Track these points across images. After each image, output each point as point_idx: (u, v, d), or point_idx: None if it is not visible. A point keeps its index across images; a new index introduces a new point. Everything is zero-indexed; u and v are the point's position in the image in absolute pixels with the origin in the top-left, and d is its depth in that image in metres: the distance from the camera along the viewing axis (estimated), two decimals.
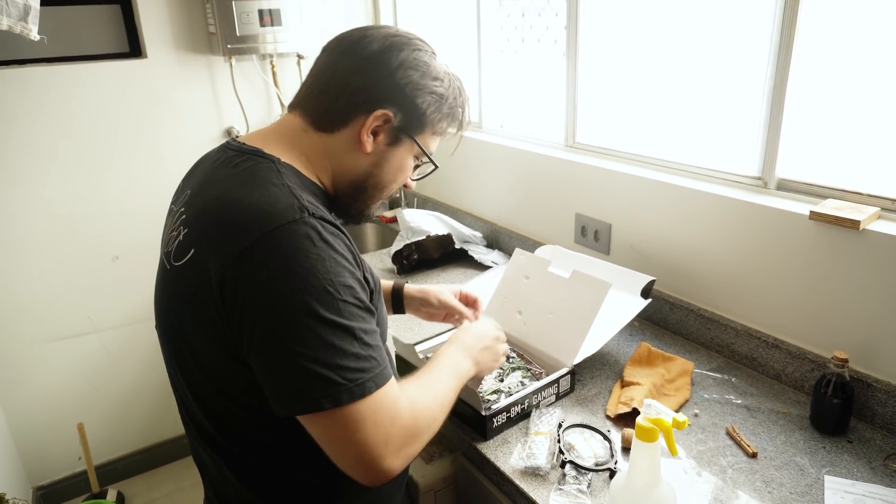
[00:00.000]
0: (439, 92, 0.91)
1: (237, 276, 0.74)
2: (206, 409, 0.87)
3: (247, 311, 0.74)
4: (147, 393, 2.50)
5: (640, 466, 0.90)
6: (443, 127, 0.95)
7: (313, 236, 0.75)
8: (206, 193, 0.84)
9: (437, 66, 0.92)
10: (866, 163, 1.28)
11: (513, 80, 2.14)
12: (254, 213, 0.76)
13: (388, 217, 2.61)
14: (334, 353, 0.73)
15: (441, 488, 1.33)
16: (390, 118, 0.88)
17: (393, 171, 0.94)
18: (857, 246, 1.21)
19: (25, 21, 1.48)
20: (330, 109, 0.88)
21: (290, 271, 0.73)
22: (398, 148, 0.92)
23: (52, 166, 2.12)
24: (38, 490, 2.35)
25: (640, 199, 1.63)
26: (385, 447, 0.76)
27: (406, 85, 0.88)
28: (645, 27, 1.65)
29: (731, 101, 1.48)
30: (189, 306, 0.81)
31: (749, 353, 1.43)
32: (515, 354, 1.42)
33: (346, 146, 0.89)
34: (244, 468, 0.89)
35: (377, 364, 0.77)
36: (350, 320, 0.75)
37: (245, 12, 2.22)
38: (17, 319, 2.18)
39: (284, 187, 0.80)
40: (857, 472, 1.10)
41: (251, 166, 0.83)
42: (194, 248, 0.80)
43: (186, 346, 0.84)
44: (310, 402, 0.73)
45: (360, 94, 0.87)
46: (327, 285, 0.74)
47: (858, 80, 1.26)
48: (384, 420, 0.76)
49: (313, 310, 0.72)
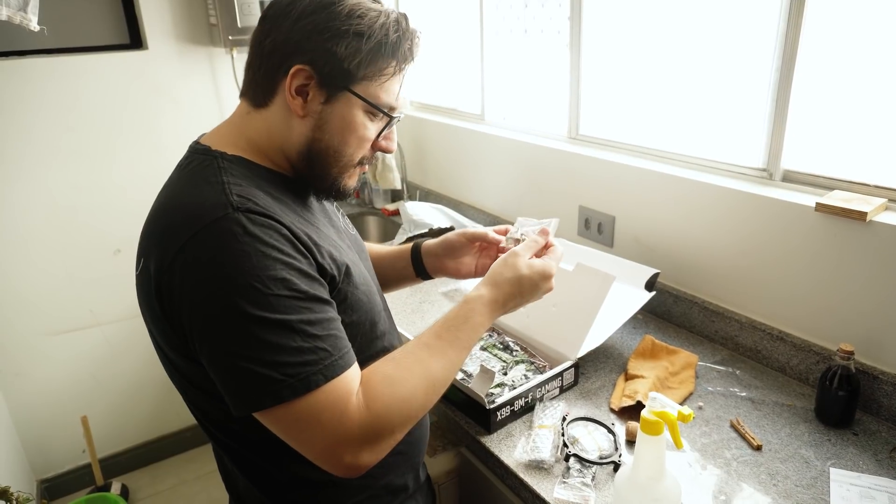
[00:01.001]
0: (358, 30, 0.79)
1: (171, 282, 0.73)
2: (197, 408, 0.87)
3: (184, 316, 0.74)
4: (150, 386, 2.51)
5: (645, 459, 0.90)
6: (377, 69, 0.82)
7: (237, 231, 0.72)
8: (158, 200, 0.84)
9: (353, 3, 0.80)
10: (873, 153, 1.27)
11: (516, 71, 2.13)
12: (183, 215, 0.75)
13: (391, 210, 2.60)
14: (270, 350, 0.70)
15: (445, 482, 1.32)
16: (309, 73, 0.79)
17: (339, 132, 0.83)
18: (864, 238, 1.20)
19: (25, 11, 1.47)
20: (254, 80, 0.84)
21: (215, 271, 0.71)
22: (335, 104, 0.82)
23: (52, 158, 2.12)
24: (43, 483, 2.36)
25: (643, 191, 1.62)
26: (345, 442, 0.73)
27: (312, 31, 0.79)
28: (649, 18, 1.64)
29: (736, 91, 1.47)
30: (148, 313, 0.81)
31: (753, 346, 1.42)
32: (519, 348, 1.41)
33: (282, 116, 0.83)
34: (243, 461, 0.89)
35: (327, 355, 0.73)
36: (286, 314, 0.71)
37: (246, 3, 2.20)
38: (19, 312, 2.18)
39: (218, 184, 0.77)
40: (862, 464, 1.09)
41: (196, 166, 0.82)
42: (143, 258, 0.79)
43: (159, 349, 0.85)
44: (252, 402, 0.71)
45: (274, 55, 0.81)
46: (253, 281, 0.70)
47: (865, 70, 1.25)
48: (333, 416, 0.72)
49: (241, 308, 0.70)
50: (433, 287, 1.87)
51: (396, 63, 0.84)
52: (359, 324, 0.87)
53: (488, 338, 1.47)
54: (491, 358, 1.39)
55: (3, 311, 2.15)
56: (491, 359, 1.38)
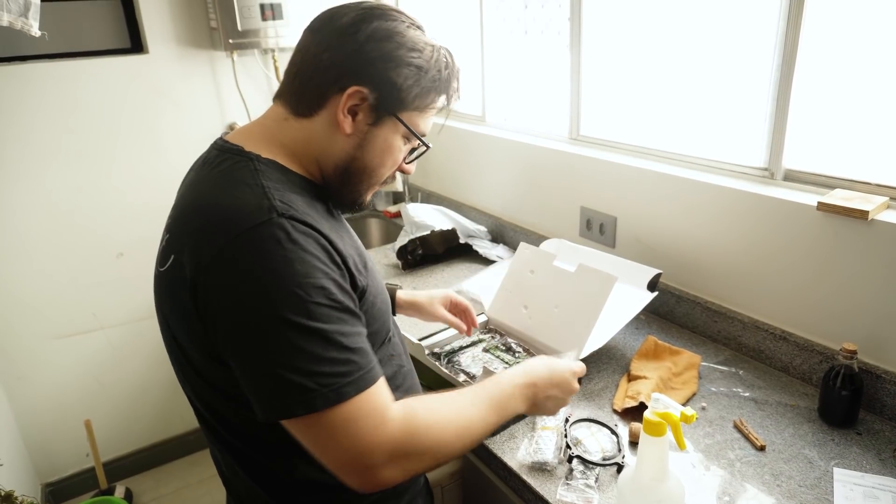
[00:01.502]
0: (417, 64, 0.83)
1: (208, 283, 0.73)
2: (207, 406, 0.87)
3: (219, 318, 0.73)
4: (154, 390, 2.51)
5: (648, 461, 0.90)
6: (427, 102, 0.87)
7: (281, 237, 0.72)
8: (186, 197, 0.83)
9: (414, 36, 0.84)
10: (874, 152, 1.27)
11: (516, 72, 2.13)
12: (223, 216, 0.75)
13: (392, 212, 2.60)
14: (306, 359, 0.71)
15: (448, 483, 1.32)
16: (366, 95, 0.82)
17: (379, 154, 0.87)
18: (866, 236, 1.20)
19: (26, 17, 1.47)
20: (304, 92, 0.84)
21: (257, 275, 0.71)
22: (381, 128, 0.85)
23: (54, 163, 2.12)
24: (47, 487, 2.36)
25: (645, 191, 1.62)
26: (370, 455, 0.73)
27: (378, 58, 0.81)
28: (649, 17, 1.64)
29: (736, 91, 1.47)
30: (173, 311, 0.81)
31: (756, 346, 1.42)
32: (521, 349, 1.41)
33: (326, 129, 0.85)
34: (249, 462, 0.89)
35: (358, 367, 0.74)
36: (323, 322, 0.72)
37: (246, 6, 2.21)
38: (22, 316, 2.18)
39: (258, 187, 0.77)
40: (866, 464, 1.09)
41: (229, 167, 0.81)
42: (174, 255, 0.79)
43: (179, 347, 0.84)
44: (283, 409, 0.72)
45: (330, 71, 0.82)
46: (295, 288, 0.71)
47: (865, 68, 1.24)
48: (366, 426, 0.73)
49: (280, 314, 0.70)
50: (436, 288, 1.86)
51: (445, 99, 0.90)
52: (376, 333, 0.89)
53: (490, 339, 1.47)
54: (493, 360, 1.39)
55: (6, 314, 2.16)
56: (493, 360, 1.38)
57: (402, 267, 2.05)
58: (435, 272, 2.02)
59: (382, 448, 0.74)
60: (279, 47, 2.37)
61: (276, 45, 2.32)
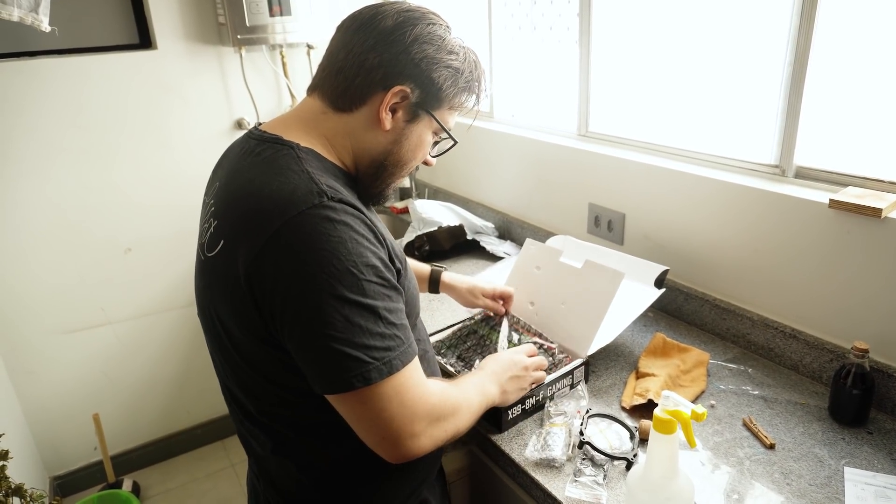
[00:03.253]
0: (455, 66, 0.90)
1: (263, 265, 0.76)
2: (248, 391, 0.90)
3: (276, 299, 0.76)
4: (161, 384, 2.52)
5: (658, 458, 0.89)
6: (460, 101, 0.95)
7: (334, 218, 0.77)
8: (232, 185, 0.86)
9: (451, 39, 0.91)
10: (887, 149, 1.25)
11: (525, 68, 2.12)
12: (275, 201, 0.78)
13: (400, 208, 2.60)
14: (360, 333, 0.75)
15: (456, 480, 1.32)
16: (408, 94, 0.88)
17: (412, 148, 0.93)
18: (879, 234, 1.19)
19: (36, 12, 1.48)
20: (347, 88, 0.88)
21: (313, 256, 0.75)
22: (417, 124, 0.91)
23: (62, 158, 2.13)
24: (55, 480, 2.38)
25: (654, 188, 1.61)
26: (411, 424, 0.80)
27: (422, 60, 0.87)
28: (659, 13, 1.63)
29: (747, 87, 1.45)
30: (223, 295, 0.84)
31: (766, 344, 1.41)
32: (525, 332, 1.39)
33: (365, 125, 0.89)
34: (286, 444, 0.92)
35: (402, 342, 0.80)
36: (375, 299, 0.77)
37: (254, 2, 2.20)
38: (31, 311, 2.20)
39: (304, 173, 0.81)
40: (877, 463, 1.08)
41: (272, 154, 0.85)
42: (224, 240, 0.82)
43: (225, 332, 0.87)
44: (341, 383, 0.76)
45: (376, 71, 0.86)
46: (350, 266, 0.75)
47: (879, 65, 1.23)
48: (411, 397, 0.80)
49: (338, 292, 0.74)
50: None
51: (476, 99, 0.97)
52: (409, 314, 0.93)
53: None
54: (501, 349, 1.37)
55: (15, 310, 2.17)
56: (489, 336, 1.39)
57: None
58: None
59: (422, 418, 0.82)
60: (287, 43, 2.36)
61: (284, 40, 2.32)
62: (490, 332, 1.40)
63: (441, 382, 0.94)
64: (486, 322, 1.44)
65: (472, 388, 1.00)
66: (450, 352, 1.39)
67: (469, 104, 0.97)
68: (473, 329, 1.42)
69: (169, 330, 2.48)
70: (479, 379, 1.06)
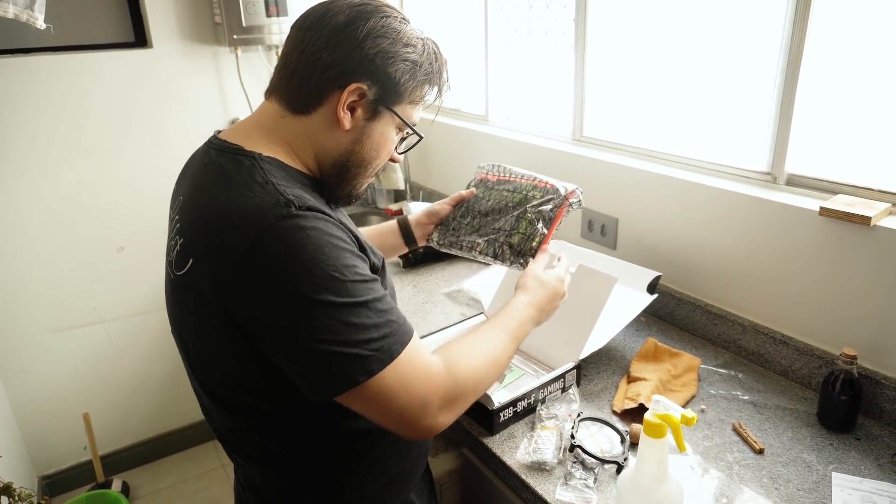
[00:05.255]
0: (412, 59, 0.87)
1: (240, 283, 0.74)
2: (226, 405, 0.88)
3: (261, 314, 0.75)
4: (152, 383, 2.51)
5: (648, 462, 0.90)
6: (420, 94, 0.91)
7: (305, 226, 0.75)
8: (198, 200, 0.84)
9: (408, 31, 0.87)
10: (877, 158, 1.27)
11: (520, 72, 2.13)
12: (243, 218, 0.76)
13: (394, 210, 2.60)
14: (356, 330, 0.75)
15: (447, 482, 1.33)
16: (365, 91, 0.85)
17: (375, 146, 0.90)
18: (868, 242, 1.20)
19: (31, 9, 1.47)
20: (303, 90, 0.85)
21: (294, 267, 0.73)
22: (377, 121, 0.88)
23: (57, 156, 2.12)
24: (44, 479, 2.37)
25: (647, 193, 1.63)
26: (425, 407, 0.79)
27: (377, 55, 0.84)
28: (654, 20, 1.64)
29: (740, 94, 1.47)
30: (196, 313, 0.81)
31: (756, 349, 1.42)
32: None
33: (324, 126, 0.86)
34: (268, 454, 0.91)
35: (397, 325, 0.79)
36: (362, 296, 0.76)
37: (251, 2, 2.20)
38: (23, 309, 2.18)
39: (268, 185, 0.79)
40: (864, 469, 1.10)
41: (234, 167, 0.82)
42: (192, 259, 0.80)
43: (202, 348, 0.85)
44: (345, 382, 0.75)
45: (330, 69, 0.83)
46: (332, 272, 0.74)
47: (870, 74, 1.25)
48: (415, 384, 0.78)
49: (326, 299, 0.73)
50: (436, 288, 1.87)
51: (438, 90, 0.94)
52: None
53: None
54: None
55: (7, 306, 2.16)
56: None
57: (403, 265, 2.05)
58: (435, 271, 2.02)
59: (436, 398, 0.80)
60: (283, 43, 2.36)
61: (280, 41, 2.32)
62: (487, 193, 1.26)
63: (454, 347, 0.89)
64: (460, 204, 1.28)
65: (501, 335, 0.95)
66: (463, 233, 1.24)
67: (430, 97, 0.94)
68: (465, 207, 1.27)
69: (161, 329, 2.47)
70: (518, 321, 0.99)
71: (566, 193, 1.17)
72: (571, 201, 1.18)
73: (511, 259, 1.14)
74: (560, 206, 1.16)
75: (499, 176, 1.27)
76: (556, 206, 1.16)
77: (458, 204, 1.28)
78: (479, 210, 1.24)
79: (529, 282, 1.07)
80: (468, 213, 1.24)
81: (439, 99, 0.97)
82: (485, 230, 1.20)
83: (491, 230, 1.19)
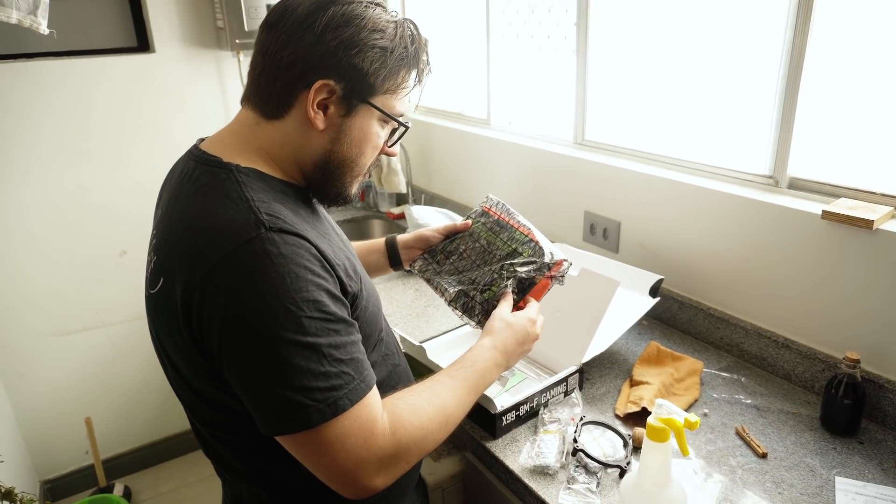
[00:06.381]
0: (381, 45, 0.80)
1: (200, 304, 0.72)
2: (207, 423, 0.87)
3: (214, 338, 0.72)
4: (153, 388, 2.51)
5: (651, 466, 0.90)
6: (397, 82, 0.84)
7: (271, 252, 0.71)
8: (172, 216, 0.81)
9: (374, 15, 0.80)
10: (880, 161, 1.27)
11: (522, 76, 2.13)
12: (211, 236, 0.73)
13: (396, 213, 2.60)
14: (300, 375, 0.70)
15: (449, 486, 1.32)
16: (333, 87, 0.79)
17: (356, 143, 0.85)
18: (870, 246, 1.20)
19: (35, 15, 1.48)
20: (271, 93, 0.81)
21: (249, 294, 0.70)
22: (354, 117, 0.83)
23: (59, 160, 2.13)
24: (46, 484, 2.36)
25: (649, 197, 1.63)
26: (360, 468, 0.74)
27: (338, 46, 0.78)
28: (656, 23, 1.64)
29: (742, 98, 1.47)
30: (166, 332, 0.80)
31: (759, 353, 1.42)
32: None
33: (299, 129, 0.82)
34: (254, 473, 0.89)
35: (351, 379, 0.73)
36: (316, 336, 0.71)
37: (253, 7, 2.21)
38: (24, 313, 2.19)
39: (242, 201, 0.75)
40: (868, 473, 1.09)
41: (209, 181, 0.79)
42: (163, 278, 0.77)
43: (173, 367, 0.83)
44: (282, 426, 0.71)
45: (293, 68, 0.78)
46: (287, 304, 0.70)
47: (872, 78, 1.25)
48: (357, 441, 0.73)
49: (274, 332, 0.69)
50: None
51: (417, 75, 0.87)
52: (369, 336, 0.89)
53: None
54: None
55: (9, 311, 2.16)
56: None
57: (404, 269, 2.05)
58: None
59: (373, 460, 0.75)
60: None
61: None
62: (487, 233, 1.20)
63: (406, 401, 0.82)
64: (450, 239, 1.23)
65: (460, 390, 0.88)
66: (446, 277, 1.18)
67: (409, 83, 0.86)
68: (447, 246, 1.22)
69: None
70: (478, 373, 0.92)
71: (551, 262, 1.08)
72: (555, 275, 1.11)
73: (478, 318, 1.07)
74: (542, 273, 1.08)
75: (500, 215, 1.21)
76: (534, 270, 1.08)
77: (450, 235, 1.21)
78: (467, 250, 1.17)
79: (496, 324, 1.00)
80: (455, 252, 1.19)
81: (420, 84, 0.89)
82: (463, 277, 1.13)
83: (467, 279, 1.12)
